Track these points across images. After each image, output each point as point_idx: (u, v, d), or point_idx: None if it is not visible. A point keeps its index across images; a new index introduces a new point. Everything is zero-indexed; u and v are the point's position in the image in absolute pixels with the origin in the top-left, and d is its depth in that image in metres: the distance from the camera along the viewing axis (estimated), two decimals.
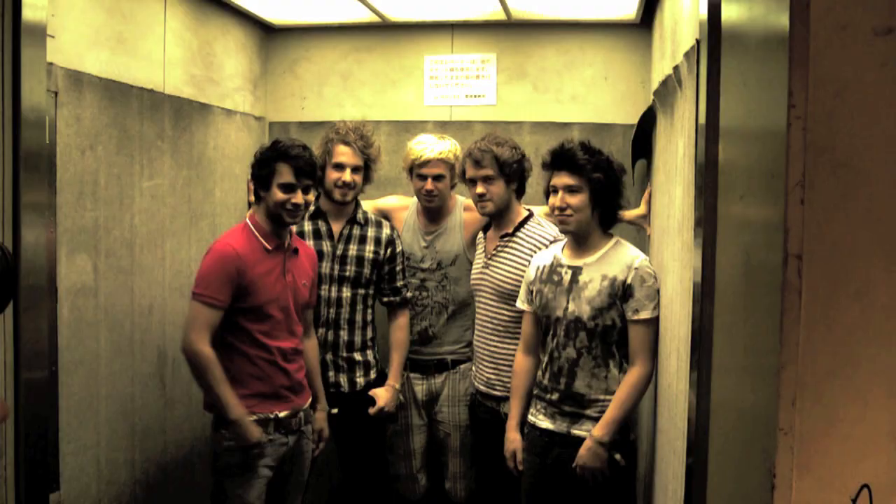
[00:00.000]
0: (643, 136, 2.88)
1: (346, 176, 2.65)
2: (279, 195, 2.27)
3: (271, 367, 2.30)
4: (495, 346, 2.58)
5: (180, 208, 2.81)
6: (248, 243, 2.29)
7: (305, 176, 2.28)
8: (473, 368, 2.72)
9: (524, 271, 2.49)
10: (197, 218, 2.92)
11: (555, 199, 2.25)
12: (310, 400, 2.47)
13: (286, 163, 2.27)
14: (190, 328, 2.19)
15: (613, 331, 2.22)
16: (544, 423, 2.30)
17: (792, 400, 0.93)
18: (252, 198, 2.41)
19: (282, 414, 2.33)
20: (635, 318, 2.19)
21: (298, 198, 2.28)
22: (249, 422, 2.22)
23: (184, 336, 2.21)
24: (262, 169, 2.31)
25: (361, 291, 2.71)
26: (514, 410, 2.43)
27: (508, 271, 2.55)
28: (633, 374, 2.20)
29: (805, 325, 0.94)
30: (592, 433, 2.18)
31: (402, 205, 3.08)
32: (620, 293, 2.19)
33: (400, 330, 2.80)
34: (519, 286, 2.50)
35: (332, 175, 2.68)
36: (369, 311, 2.76)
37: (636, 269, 2.19)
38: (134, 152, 2.53)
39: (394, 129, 3.45)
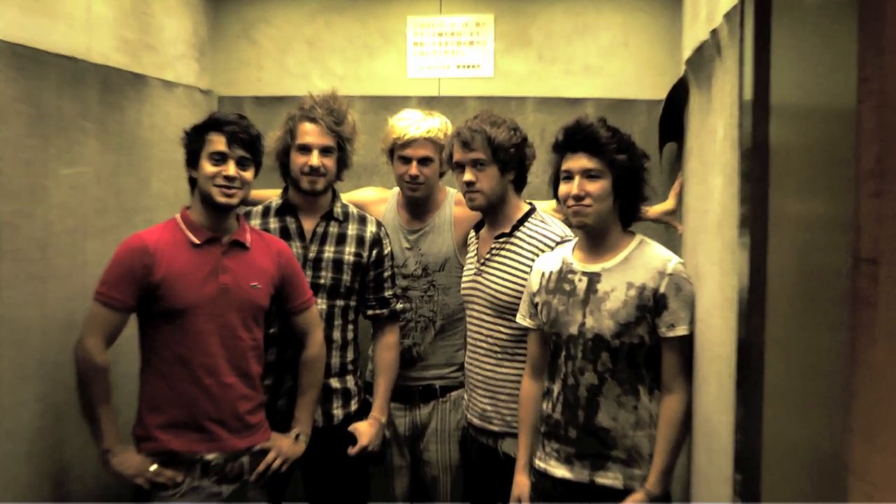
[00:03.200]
0: (672, 114, 2.88)
1: (314, 160, 2.63)
2: (208, 168, 2.32)
3: (192, 391, 2.29)
4: (491, 371, 2.57)
5: (108, 202, 2.78)
6: (167, 236, 2.33)
7: (241, 145, 2.33)
8: (465, 397, 2.71)
9: (524, 279, 2.47)
10: (128, 213, 2.89)
11: (569, 187, 2.23)
12: (262, 443, 2.44)
13: (218, 131, 2.33)
14: (83, 330, 2.29)
15: (641, 350, 2.20)
16: (559, 470, 2.27)
17: (867, 436, 0.92)
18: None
19: (209, 456, 2.32)
20: (671, 334, 2.17)
21: (230, 169, 2.31)
22: (126, 453, 2.28)
23: (77, 338, 2.30)
24: (192, 143, 2.37)
25: (340, 303, 2.69)
26: (522, 448, 2.41)
27: (505, 279, 2.53)
28: (675, 407, 2.18)
29: (882, 343, 0.93)
30: (647, 488, 2.16)
31: (380, 197, 3.07)
32: (651, 305, 2.18)
33: (387, 350, 2.78)
34: (518, 297, 2.48)
35: (298, 159, 2.66)
36: (350, 327, 2.74)
37: (670, 274, 2.18)
38: (49, 133, 2.49)
39: (370, 107, 3.44)
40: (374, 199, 3.05)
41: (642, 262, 2.23)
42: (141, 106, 2.97)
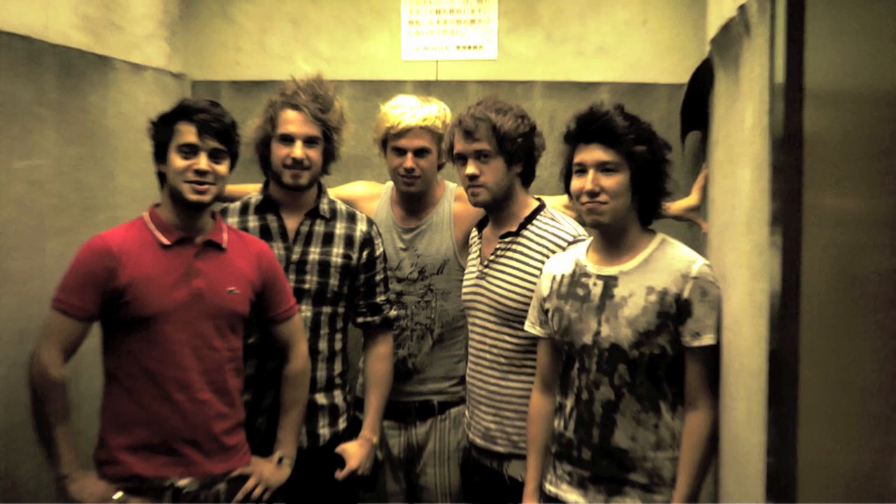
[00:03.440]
0: (696, 100, 2.88)
1: (297, 151, 2.63)
2: (178, 162, 2.31)
3: (162, 408, 2.28)
4: (496, 385, 2.57)
5: (68, 198, 2.78)
6: (134, 236, 2.33)
7: (213, 135, 2.33)
8: (467, 414, 2.70)
9: (533, 283, 2.47)
10: (91, 211, 2.89)
11: (583, 181, 2.23)
12: (241, 468, 2.42)
13: (187, 120, 2.33)
14: (39, 341, 2.28)
15: (662, 361, 2.20)
16: (571, 495, 2.27)
17: None
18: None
19: (181, 482, 2.30)
20: (695, 344, 2.17)
21: (202, 162, 2.31)
22: (87, 479, 2.26)
23: (32, 350, 2.29)
24: (160, 134, 2.37)
25: (327, 310, 2.69)
26: (531, 471, 2.41)
27: (512, 283, 2.53)
28: (700, 425, 2.18)
29: None
30: None
31: (372, 193, 3.07)
32: (674, 311, 2.18)
33: (380, 361, 2.77)
34: (526, 303, 2.48)
35: (280, 151, 2.65)
36: (338, 336, 2.74)
37: (694, 277, 2.18)
38: (1, 122, 2.49)
39: (361, 92, 3.44)
40: (364, 195, 3.05)
41: (664, 263, 2.22)
42: (105, 91, 2.96)
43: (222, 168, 2.35)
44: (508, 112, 2.55)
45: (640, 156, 2.21)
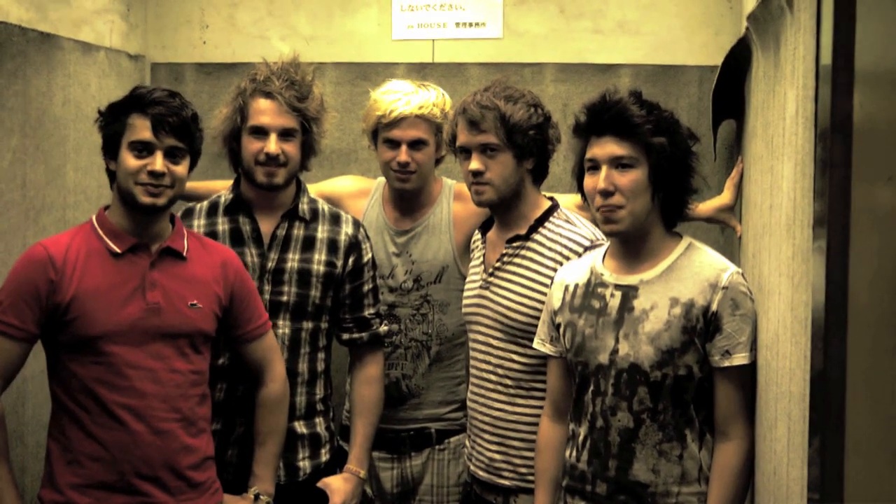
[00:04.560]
0: (730, 84, 2.88)
1: (271, 146, 2.62)
2: (130, 161, 2.30)
3: (118, 440, 2.27)
4: (501, 411, 2.57)
5: (10, 196, 2.77)
6: (79, 244, 2.32)
7: (171, 132, 2.30)
8: (468, 444, 2.71)
9: (544, 294, 2.48)
10: (37, 211, 2.89)
11: (595, 179, 2.23)
12: None
13: (141, 113, 2.31)
14: None
15: (689, 384, 2.20)
16: None
17: None
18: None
19: None
20: (726, 364, 2.17)
21: (157, 163, 2.29)
22: None
23: None
24: (109, 127, 2.35)
25: (307, 325, 2.69)
26: None
27: (520, 294, 2.54)
28: (731, 457, 2.18)
29: None
30: None
31: (360, 189, 3.08)
32: (701, 326, 2.18)
33: (369, 384, 2.77)
34: (536, 318, 2.49)
35: (251, 145, 2.65)
36: (320, 356, 2.74)
37: (725, 287, 2.18)
38: None
39: (346, 76, 3.44)
40: (351, 192, 3.05)
41: (690, 272, 2.23)
42: (50, 75, 2.95)
43: (181, 169, 2.34)
44: (520, 100, 2.55)
45: (660, 148, 2.21)
